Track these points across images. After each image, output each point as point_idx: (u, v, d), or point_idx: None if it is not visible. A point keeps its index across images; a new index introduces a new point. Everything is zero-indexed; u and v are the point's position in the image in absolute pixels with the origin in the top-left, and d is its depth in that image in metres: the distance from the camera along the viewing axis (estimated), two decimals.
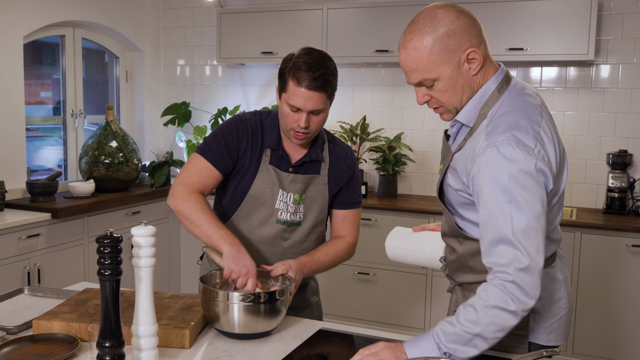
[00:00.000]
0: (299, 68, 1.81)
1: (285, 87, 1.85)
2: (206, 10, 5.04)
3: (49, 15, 4.14)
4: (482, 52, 1.53)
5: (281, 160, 1.97)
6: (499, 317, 1.41)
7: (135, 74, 5.11)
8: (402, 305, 4.09)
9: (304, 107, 1.82)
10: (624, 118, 4.01)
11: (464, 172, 1.55)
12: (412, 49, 1.52)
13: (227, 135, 1.95)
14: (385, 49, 4.14)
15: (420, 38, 1.50)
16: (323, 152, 2.02)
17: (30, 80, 4.38)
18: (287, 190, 1.97)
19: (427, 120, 4.49)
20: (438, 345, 1.45)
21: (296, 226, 2.00)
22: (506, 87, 1.58)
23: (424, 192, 4.54)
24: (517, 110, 1.51)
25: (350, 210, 2.09)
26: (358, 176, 2.11)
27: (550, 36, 3.77)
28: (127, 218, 4.22)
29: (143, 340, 1.45)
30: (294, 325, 1.83)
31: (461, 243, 1.68)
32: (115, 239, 1.38)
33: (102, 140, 4.25)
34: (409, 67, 1.54)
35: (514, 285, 1.40)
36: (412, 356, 1.46)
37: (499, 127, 1.48)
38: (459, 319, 1.44)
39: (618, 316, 3.59)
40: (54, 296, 2.05)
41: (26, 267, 3.49)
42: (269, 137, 1.97)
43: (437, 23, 1.50)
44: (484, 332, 1.42)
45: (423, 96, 1.58)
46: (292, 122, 1.86)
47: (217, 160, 1.92)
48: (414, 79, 1.55)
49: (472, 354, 1.44)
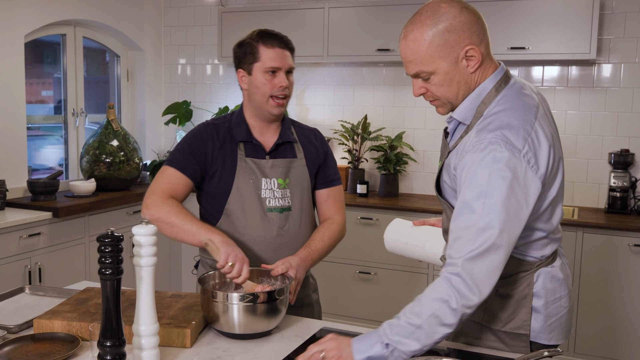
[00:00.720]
0: (264, 36, 1.96)
1: (256, 58, 1.96)
2: (207, 9, 5.04)
3: (50, 14, 4.14)
4: (482, 50, 1.52)
5: (256, 150, 2.02)
6: (441, 310, 1.40)
7: (136, 73, 5.11)
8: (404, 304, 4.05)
9: (282, 65, 1.96)
10: (626, 117, 4.00)
11: (454, 166, 1.55)
12: (412, 41, 1.52)
13: (191, 143, 2.00)
14: (387, 48, 4.14)
15: (421, 30, 1.51)
16: (293, 135, 2.09)
17: (31, 79, 4.38)
18: (269, 177, 2.00)
19: (429, 119, 4.49)
20: (381, 338, 1.43)
21: (288, 212, 2.02)
22: (504, 85, 1.56)
23: (426, 192, 4.54)
24: (512, 110, 1.50)
25: (332, 188, 2.15)
26: (332, 153, 2.19)
27: (552, 35, 3.77)
28: (128, 217, 4.22)
29: (144, 340, 1.45)
30: (295, 325, 1.82)
31: None
32: (116, 238, 1.37)
33: (103, 139, 4.24)
34: (407, 58, 1.55)
35: (459, 279, 1.39)
36: (356, 349, 1.44)
37: (490, 125, 1.47)
38: (405, 312, 1.44)
39: (619, 315, 3.58)
40: (55, 295, 2.05)
41: (27, 266, 3.49)
42: (238, 131, 2.02)
43: (440, 17, 1.50)
44: (425, 325, 1.41)
45: (419, 88, 1.59)
46: (271, 87, 1.96)
47: (184, 167, 1.97)
48: (411, 70, 1.56)
49: (414, 348, 1.42)
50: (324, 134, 4.75)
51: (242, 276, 1.74)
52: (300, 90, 4.84)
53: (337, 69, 4.71)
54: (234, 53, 2.03)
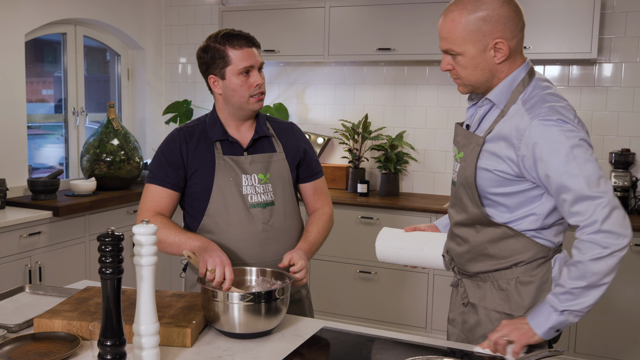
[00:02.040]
0: (229, 39, 1.96)
1: (227, 62, 1.96)
2: (208, 8, 5.03)
3: (50, 13, 4.13)
4: (512, 45, 1.65)
5: (233, 148, 2.04)
6: (600, 265, 1.53)
7: (136, 72, 5.11)
8: (404, 304, 4.08)
9: (255, 63, 1.97)
10: (627, 117, 4.00)
11: (507, 150, 1.62)
12: (450, 20, 1.64)
13: (165, 151, 2.04)
14: (388, 47, 4.13)
15: (460, 13, 1.62)
16: (269, 130, 2.10)
17: (31, 78, 4.38)
18: (249, 173, 2.01)
19: (429, 118, 4.49)
20: (554, 308, 1.57)
21: (271, 206, 2.03)
22: (533, 76, 1.70)
23: (426, 191, 4.54)
24: (548, 94, 1.64)
25: (317, 180, 2.19)
26: (311, 146, 2.21)
27: (553, 35, 3.76)
28: (129, 216, 4.22)
29: (144, 339, 1.45)
30: (295, 324, 1.82)
31: (479, 231, 1.73)
32: (116, 238, 1.37)
33: (104, 138, 4.24)
34: (442, 34, 1.66)
35: (603, 234, 1.52)
36: (535, 326, 1.58)
37: (538, 102, 1.61)
38: (565, 280, 1.56)
39: (620, 316, 3.58)
40: (55, 294, 2.05)
41: (27, 265, 3.49)
42: (213, 131, 2.04)
43: (481, 5, 1.61)
44: (592, 283, 1.54)
45: (447, 64, 1.70)
46: (248, 87, 1.97)
47: (164, 179, 2.00)
48: (442, 45, 1.68)
49: (588, 304, 1.57)
50: (325, 133, 4.75)
51: (227, 280, 1.73)
52: (301, 90, 4.84)
53: (337, 68, 4.71)
54: (200, 59, 2.03)
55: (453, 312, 1.91)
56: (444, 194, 4.47)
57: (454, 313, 1.90)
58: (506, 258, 1.70)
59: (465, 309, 1.84)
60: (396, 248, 1.97)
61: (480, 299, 1.77)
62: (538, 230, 1.68)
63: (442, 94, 4.44)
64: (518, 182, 1.64)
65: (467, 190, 1.71)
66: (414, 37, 4.06)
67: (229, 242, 1.99)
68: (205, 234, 2.00)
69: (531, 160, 1.58)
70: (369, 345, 1.73)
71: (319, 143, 4.69)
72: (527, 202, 1.66)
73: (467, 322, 1.82)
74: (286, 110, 4.75)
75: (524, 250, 1.69)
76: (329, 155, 4.80)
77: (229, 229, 1.99)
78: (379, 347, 1.71)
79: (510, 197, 1.66)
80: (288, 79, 4.87)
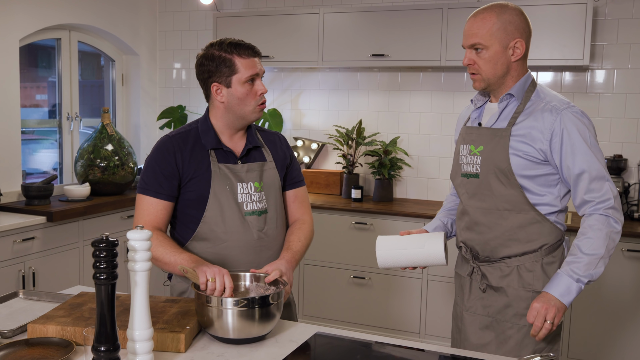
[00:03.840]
0: (236, 48, 1.97)
1: (234, 70, 1.96)
2: (202, 14, 5.04)
3: (45, 18, 4.14)
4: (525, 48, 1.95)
5: (227, 156, 2.04)
6: (612, 236, 1.84)
7: (131, 77, 5.11)
8: (398, 309, 4.09)
9: (260, 71, 2.00)
10: (619, 123, 4.02)
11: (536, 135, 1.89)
12: (480, 19, 1.92)
13: (158, 161, 2.01)
14: (381, 53, 4.15)
15: (490, 14, 1.92)
16: (260, 140, 2.13)
17: (25, 83, 4.38)
18: (245, 181, 2.02)
19: (423, 124, 4.50)
20: (576, 279, 1.81)
21: (265, 214, 2.04)
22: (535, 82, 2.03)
23: (420, 197, 4.55)
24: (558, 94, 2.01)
25: (298, 188, 2.21)
26: (295, 156, 2.25)
27: (546, 41, 3.79)
28: (123, 221, 4.21)
29: (138, 345, 1.45)
30: (289, 330, 1.83)
31: (506, 218, 1.95)
32: (110, 243, 1.37)
33: (98, 143, 4.24)
34: (471, 31, 1.93)
35: (615, 210, 1.86)
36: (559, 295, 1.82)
37: (556, 97, 1.95)
38: (583, 252, 1.83)
39: (612, 320, 3.59)
40: (49, 300, 2.05)
41: (21, 270, 3.48)
42: (207, 138, 2.03)
43: (505, 10, 1.92)
44: (606, 252, 1.83)
45: (469, 59, 1.96)
46: (253, 96, 1.99)
47: (158, 191, 1.99)
48: (470, 40, 1.93)
49: (601, 271, 1.84)
50: (319, 138, 4.77)
51: (227, 288, 1.75)
52: (295, 95, 4.85)
53: (332, 74, 4.72)
54: (202, 67, 2.00)
55: (470, 300, 2.06)
56: (437, 199, 4.48)
57: (471, 301, 2.06)
58: (533, 241, 1.94)
59: (484, 294, 2.02)
60: (397, 249, 2.02)
61: (509, 281, 1.97)
62: (556, 214, 1.96)
63: (435, 100, 4.46)
64: (542, 165, 1.91)
65: (500, 176, 1.93)
66: (408, 43, 4.08)
67: (225, 249, 1.99)
68: (201, 241, 2.01)
69: (558, 144, 1.87)
70: (363, 350, 1.73)
71: (313, 149, 4.70)
72: (547, 185, 1.93)
73: (492, 305, 2.00)
74: (280, 116, 4.76)
75: (549, 233, 1.95)
76: (323, 160, 4.81)
77: (225, 236, 1.99)
78: (373, 353, 1.71)
79: (535, 179, 1.92)
80: (282, 84, 4.88)
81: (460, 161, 2.07)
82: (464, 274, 2.10)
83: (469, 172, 2.02)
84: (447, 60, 4.01)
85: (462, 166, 2.06)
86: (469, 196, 2.03)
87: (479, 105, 2.09)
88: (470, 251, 2.06)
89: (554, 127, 1.88)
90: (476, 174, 2.00)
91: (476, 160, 1.99)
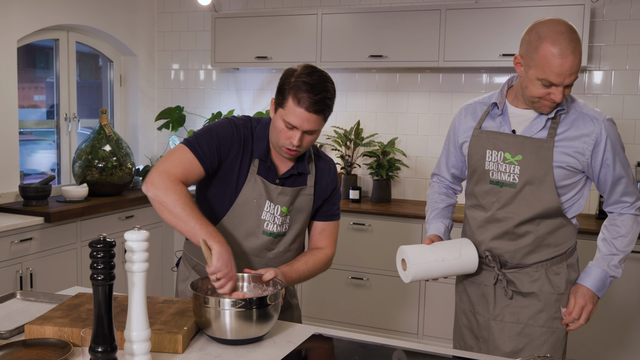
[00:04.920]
0: (301, 88, 1.79)
1: (283, 104, 1.83)
2: (201, 14, 5.04)
3: (43, 19, 4.13)
4: None
5: (268, 172, 1.96)
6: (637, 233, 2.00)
7: (129, 78, 5.11)
8: (396, 310, 4.09)
9: (300, 127, 1.82)
10: (617, 124, 4.01)
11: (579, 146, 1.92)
12: (578, 54, 1.84)
13: (221, 137, 1.90)
14: (380, 54, 4.15)
15: (578, 44, 1.85)
16: (309, 165, 2.02)
17: (23, 84, 4.37)
18: (274, 202, 1.95)
19: (421, 125, 4.51)
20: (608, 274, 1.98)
21: (281, 237, 2.00)
22: None
23: (418, 197, 4.55)
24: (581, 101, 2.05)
25: (329, 222, 2.10)
26: (339, 189, 2.13)
27: None
28: (121, 222, 4.21)
29: (136, 345, 1.45)
30: (287, 330, 1.83)
31: (539, 224, 1.95)
32: (108, 244, 1.37)
33: (96, 144, 4.24)
34: (573, 69, 1.84)
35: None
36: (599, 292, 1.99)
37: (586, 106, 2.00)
38: (617, 248, 1.99)
39: (611, 321, 3.60)
40: (47, 301, 2.05)
41: (18, 271, 3.48)
42: (258, 146, 1.95)
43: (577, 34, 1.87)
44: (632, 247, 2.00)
45: (563, 96, 1.87)
46: (284, 138, 1.85)
47: (205, 158, 1.87)
48: (572, 79, 1.85)
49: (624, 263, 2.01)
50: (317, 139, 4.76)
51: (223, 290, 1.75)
52: None
53: (330, 74, 4.71)
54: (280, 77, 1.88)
55: (497, 308, 2.04)
56: None
57: (498, 309, 2.04)
58: (560, 245, 1.99)
59: (511, 301, 2.02)
60: (434, 261, 1.92)
61: (539, 286, 1.99)
62: (576, 218, 2.01)
63: (433, 101, 4.46)
64: (578, 174, 1.95)
65: (539, 186, 1.93)
66: (406, 44, 4.08)
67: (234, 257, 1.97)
68: None
69: (601, 153, 1.93)
70: (361, 351, 1.73)
71: None
72: (578, 192, 1.99)
73: (522, 311, 2.01)
74: None
75: (572, 236, 2.02)
76: None
77: (234, 245, 1.95)
78: (371, 354, 1.71)
79: (569, 188, 1.96)
80: None
81: (487, 167, 2.01)
82: (487, 282, 2.05)
83: (503, 181, 1.97)
84: (445, 61, 4.01)
85: (492, 173, 2.00)
86: (500, 205, 1.99)
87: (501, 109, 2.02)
88: (497, 259, 2.02)
89: (597, 136, 1.93)
90: (513, 183, 1.96)
91: (513, 169, 1.95)
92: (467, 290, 2.15)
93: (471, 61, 3.98)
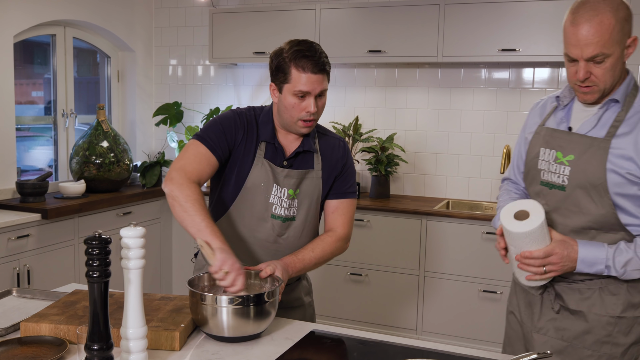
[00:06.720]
0: (298, 57, 1.86)
1: (287, 78, 1.88)
2: (198, 10, 5.02)
3: (39, 14, 4.11)
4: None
5: (275, 154, 1.98)
6: None
7: (126, 74, 5.09)
8: (395, 306, 4.08)
9: (313, 91, 1.87)
10: None
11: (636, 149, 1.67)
12: (598, 23, 1.62)
13: (225, 125, 1.95)
14: (378, 50, 4.14)
15: (607, 15, 1.62)
16: (315, 144, 2.03)
17: (20, 80, 4.35)
18: (281, 185, 1.97)
19: (420, 121, 4.49)
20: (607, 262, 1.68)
21: (291, 221, 2.00)
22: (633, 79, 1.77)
23: (417, 193, 4.54)
24: None
25: (342, 200, 2.07)
26: (352, 166, 2.11)
27: (543, 37, 3.78)
28: (118, 219, 4.20)
29: (132, 343, 1.44)
30: (284, 327, 1.82)
31: (593, 237, 1.75)
32: (103, 241, 1.36)
33: (93, 140, 4.22)
34: (588, 40, 1.63)
35: None
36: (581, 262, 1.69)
37: None
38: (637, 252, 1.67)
39: None
40: (43, 298, 2.04)
41: (15, 268, 3.47)
42: (264, 130, 1.98)
43: (618, 6, 1.64)
44: None
45: (586, 72, 1.68)
46: (299, 110, 1.89)
47: (215, 147, 1.92)
48: (590, 52, 1.65)
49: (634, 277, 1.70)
50: None
51: (236, 287, 1.68)
52: None
53: None
54: (269, 61, 1.95)
55: (540, 321, 1.87)
56: (434, 195, 4.47)
57: (542, 322, 1.87)
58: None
59: (557, 315, 1.84)
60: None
61: (589, 305, 1.78)
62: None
63: (432, 96, 4.45)
64: (637, 184, 1.68)
65: (591, 192, 1.71)
66: (405, 39, 4.07)
67: (240, 244, 1.97)
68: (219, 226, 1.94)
69: None
70: (360, 348, 1.73)
71: None
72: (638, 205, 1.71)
73: (568, 329, 1.81)
74: None
75: None
76: None
77: (244, 230, 1.97)
78: (370, 350, 1.70)
79: (631, 198, 1.69)
80: None
81: (539, 166, 1.84)
82: (534, 291, 1.90)
83: (552, 182, 1.80)
84: (444, 56, 3.99)
85: (543, 173, 1.83)
86: (549, 209, 1.80)
87: (565, 103, 1.84)
88: None
89: None
90: (562, 185, 1.77)
91: (563, 170, 1.76)
92: (517, 294, 2.00)
93: (470, 56, 3.96)
